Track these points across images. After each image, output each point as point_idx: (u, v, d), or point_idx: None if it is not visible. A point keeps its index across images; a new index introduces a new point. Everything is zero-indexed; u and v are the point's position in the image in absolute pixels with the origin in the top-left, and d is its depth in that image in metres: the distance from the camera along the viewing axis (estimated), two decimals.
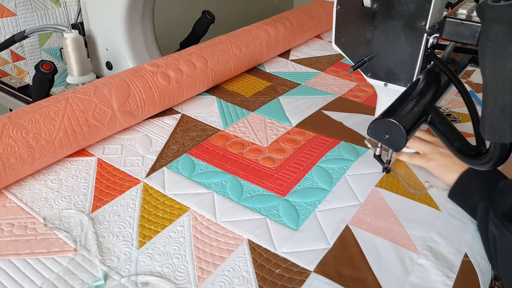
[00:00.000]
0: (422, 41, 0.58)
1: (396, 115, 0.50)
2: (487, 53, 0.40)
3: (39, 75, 0.86)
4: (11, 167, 0.59)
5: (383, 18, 0.59)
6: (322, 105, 0.87)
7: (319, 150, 0.72)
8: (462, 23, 0.51)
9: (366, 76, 0.65)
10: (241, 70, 0.98)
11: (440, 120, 0.53)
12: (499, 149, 0.45)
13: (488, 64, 0.40)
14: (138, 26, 0.97)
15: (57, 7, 1.25)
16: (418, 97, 0.53)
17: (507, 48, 0.39)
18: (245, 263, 0.51)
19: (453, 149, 0.52)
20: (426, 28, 0.57)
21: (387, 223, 0.57)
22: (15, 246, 0.52)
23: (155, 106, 0.78)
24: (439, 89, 0.56)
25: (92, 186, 0.63)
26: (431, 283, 0.49)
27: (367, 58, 0.63)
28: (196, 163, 0.68)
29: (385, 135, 0.50)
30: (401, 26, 0.59)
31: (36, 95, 0.90)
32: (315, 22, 1.20)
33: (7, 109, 1.08)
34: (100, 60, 1.05)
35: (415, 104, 0.52)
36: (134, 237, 0.54)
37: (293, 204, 0.60)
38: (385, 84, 0.64)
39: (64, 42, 0.89)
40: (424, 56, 0.59)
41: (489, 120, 0.42)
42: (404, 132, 0.49)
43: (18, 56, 1.22)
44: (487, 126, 0.43)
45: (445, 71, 0.56)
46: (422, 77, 0.58)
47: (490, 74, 0.41)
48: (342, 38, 0.65)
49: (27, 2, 1.18)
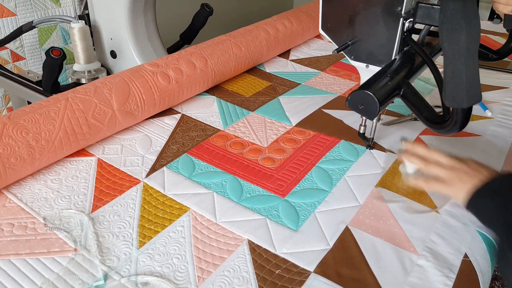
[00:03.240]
0: (398, 25, 0.63)
1: (370, 88, 0.56)
2: (444, 28, 0.45)
3: (49, 60, 0.90)
4: (11, 167, 0.59)
5: (364, 5, 0.65)
6: (322, 104, 0.87)
7: (319, 150, 0.72)
8: (433, 7, 0.58)
9: (350, 58, 0.71)
10: (241, 70, 0.98)
11: (411, 93, 0.59)
12: (460, 114, 0.50)
13: (445, 38, 0.46)
14: (141, 17, 1.01)
15: (57, 7, 1.25)
16: (392, 73, 0.60)
17: (460, 23, 0.44)
18: (245, 263, 0.51)
19: (422, 118, 0.58)
20: (402, 13, 0.62)
21: (387, 225, 0.57)
22: (15, 246, 0.52)
23: (155, 106, 0.78)
24: (412, 67, 0.63)
25: (92, 186, 0.63)
26: (431, 284, 0.49)
27: (350, 42, 0.69)
28: (196, 163, 0.68)
29: (360, 106, 0.57)
30: (380, 12, 0.64)
31: (46, 80, 0.94)
32: (315, 22, 1.20)
33: (25, 102, 1.13)
34: (105, 49, 1.08)
35: (389, 80, 0.59)
36: (134, 237, 0.54)
37: (293, 205, 0.60)
38: (366, 66, 0.70)
39: (71, 32, 0.94)
40: (401, 39, 0.65)
41: (448, 89, 0.48)
42: (377, 102, 0.55)
43: (18, 56, 1.22)
44: (447, 94, 0.48)
45: (418, 51, 0.63)
46: (398, 57, 0.65)
47: (448, 47, 0.46)
48: (328, 24, 0.71)
49: (27, 2, 1.18)
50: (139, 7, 0.99)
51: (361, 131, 0.72)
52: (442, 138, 0.75)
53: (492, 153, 0.72)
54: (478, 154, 0.71)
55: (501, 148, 0.74)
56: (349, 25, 0.68)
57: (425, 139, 0.75)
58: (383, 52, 0.66)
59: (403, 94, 0.60)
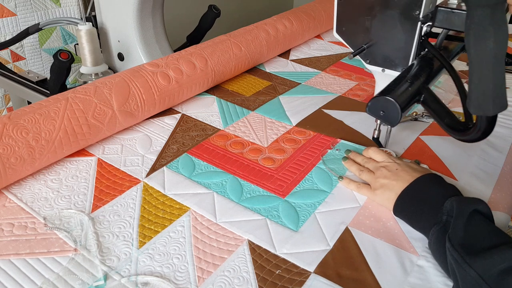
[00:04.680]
0: (416, 29, 0.62)
1: (391, 94, 0.55)
2: (471, 34, 0.44)
3: (57, 63, 0.90)
4: (11, 167, 0.59)
5: (381, 8, 0.64)
6: (322, 104, 0.87)
7: (319, 151, 0.72)
8: (452, 11, 0.57)
9: (365, 62, 0.70)
10: (241, 70, 0.98)
11: (432, 99, 0.58)
12: (485, 122, 0.49)
13: (472, 44, 0.45)
14: (149, 19, 1.00)
15: (57, 7, 1.25)
16: (412, 79, 0.59)
17: (488, 29, 0.43)
18: (245, 263, 0.51)
19: (443, 125, 0.57)
20: (420, 17, 0.61)
21: (387, 226, 0.57)
22: (15, 246, 0.52)
23: (155, 106, 0.78)
24: (431, 72, 0.62)
25: (92, 186, 0.63)
26: (431, 284, 0.49)
27: (366, 45, 0.68)
28: (196, 163, 0.68)
29: (381, 112, 0.56)
30: (397, 16, 0.63)
31: (54, 83, 0.94)
32: (315, 22, 1.20)
33: (25, 102, 1.13)
34: (112, 51, 1.07)
35: (409, 85, 0.58)
36: (134, 237, 0.54)
37: (293, 205, 0.60)
38: (382, 70, 0.69)
39: (79, 34, 0.93)
40: (418, 43, 0.64)
41: (474, 96, 0.47)
42: (399, 108, 0.54)
43: (18, 56, 1.22)
44: (472, 101, 0.47)
45: (437, 56, 0.61)
46: (416, 62, 0.64)
47: (474, 53, 0.45)
48: (343, 27, 0.70)
49: (27, 2, 1.18)
50: (147, 8, 0.98)
51: (375, 135, 0.70)
52: (442, 138, 0.75)
53: (492, 153, 0.72)
54: (478, 154, 0.71)
55: (501, 148, 0.74)
56: (365, 29, 0.67)
57: (425, 139, 0.75)
58: (400, 56, 0.65)
59: (424, 100, 0.58)
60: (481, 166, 0.69)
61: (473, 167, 0.68)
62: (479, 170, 0.68)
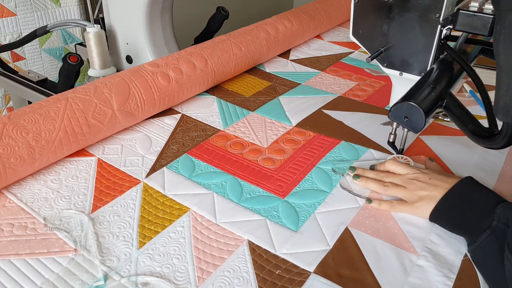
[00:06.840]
0: (436, 33, 0.61)
1: (415, 99, 0.54)
2: (501, 39, 0.43)
3: (66, 66, 0.90)
4: (11, 167, 0.59)
5: (399, 10, 0.63)
6: (322, 104, 0.87)
7: (319, 151, 0.72)
8: (475, 14, 0.55)
9: (382, 66, 0.69)
10: (241, 70, 0.98)
11: (455, 104, 0.56)
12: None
13: (502, 49, 0.44)
14: (157, 21, 0.99)
15: (57, 7, 1.25)
16: (434, 83, 0.58)
17: None
18: (245, 264, 0.51)
19: (467, 132, 0.55)
20: (440, 20, 0.60)
21: (386, 226, 0.57)
22: (15, 246, 0.52)
23: (155, 106, 0.78)
24: (452, 76, 0.60)
25: (92, 186, 0.63)
26: (431, 284, 0.49)
27: (383, 48, 0.67)
28: (196, 163, 0.68)
29: (405, 118, 0.55)
30: (416, 18, 0.62)
31: (63, 86, 0.94)
32: (315, 22, 1.20)
33: (25, 102, 1.13)
34: (120, 54, 1.07)
35: (431, 90, 0.56)
36: (134, 237, 0.54)
37: (293, 206, 0.60)
38: (400, 74, 0.68)
39: (87, 37, 0.92)
40: (437, 47, 0.62)
41: (502, 102, 0.45)
42: (423, 114, 0.53)
43: (18, 56, 1.22)
44: (500, 107, 0.45)
45: (458, 60, 0.60)
46: (436, 66, 0.62)
47: (504, 58, 0.44)
48: (360, 30, 0.69)
49: (27, 2, 1.18)
50: (156, 10, 0.97)
51: (390, 139, 0.68)
52: (442, 138, 0.75)
53: (492, 153, 0.72)
54: (478, 154, 0.71)
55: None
56: (382, 32, 0.66)
57: (425, 139, 0.75)
58: (418, 60, 0.65)
59: (446, 105, 0.57)
60: (481, 166, 0.69)
61: (473, 166, 0.68)
62: (479, 170, 0.68)
